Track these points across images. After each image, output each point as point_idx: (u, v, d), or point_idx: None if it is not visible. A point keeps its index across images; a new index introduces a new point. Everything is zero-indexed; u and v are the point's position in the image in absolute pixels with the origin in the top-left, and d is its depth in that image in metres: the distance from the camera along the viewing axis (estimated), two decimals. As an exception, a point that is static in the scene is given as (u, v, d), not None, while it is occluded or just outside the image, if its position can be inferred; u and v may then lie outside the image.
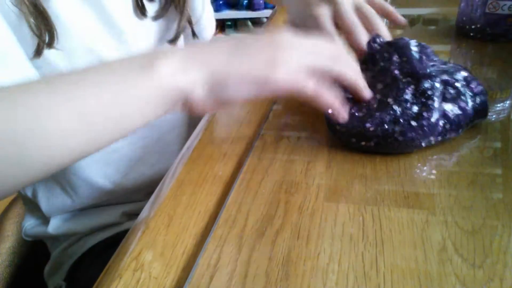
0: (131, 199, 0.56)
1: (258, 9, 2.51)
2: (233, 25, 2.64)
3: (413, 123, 0.34)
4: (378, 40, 0.41)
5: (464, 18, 0.59)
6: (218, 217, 0.30)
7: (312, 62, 0.32)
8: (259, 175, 0.34)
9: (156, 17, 0.49)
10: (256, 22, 2.61)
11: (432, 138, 0.35)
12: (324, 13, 0.44)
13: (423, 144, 0.35)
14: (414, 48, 0.38)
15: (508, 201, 0.30)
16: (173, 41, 0.52)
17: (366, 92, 0.36)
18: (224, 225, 0.29)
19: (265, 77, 0.30)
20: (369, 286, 0.24)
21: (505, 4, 0.54)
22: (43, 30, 0.37)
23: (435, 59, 0.40)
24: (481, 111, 0.37)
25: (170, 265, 0.27)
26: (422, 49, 0.39)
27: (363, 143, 0.35)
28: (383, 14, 0.48)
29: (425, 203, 0.30)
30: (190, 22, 0.53)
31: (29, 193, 0.53)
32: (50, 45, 0.38)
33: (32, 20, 0.36)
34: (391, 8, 0.48)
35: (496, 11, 0.54)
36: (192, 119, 0.56)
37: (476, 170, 0.33)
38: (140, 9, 0.47)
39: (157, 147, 0.54)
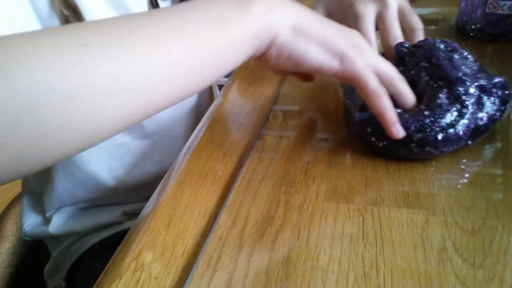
0: (132, 199, 0.56)
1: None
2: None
3: (440, 135, 0.32)
4: (405, 44, 0.40)
5: (464, 18, 0.59)
6: (218, 217, 0.30)
7: (382, 65, 0.33)
8: (259, 175, 0.34)
9: None
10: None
11: (449, 149, 0.33)
12: (369, 14, 0.42)
13: (436, 155, 0.33)
14: (441, 47, 0.37)
15: (508, 201, 0.30)
16: None
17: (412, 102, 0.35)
18: (224, 225, 0.29)
19: (341, 53, 0.31)
20: (369, 286, 0.24)
21: (505, 4, 0.54)
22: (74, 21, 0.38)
23: (468, 57, 0.38)
24: (499, 119, 0.35)
25: (170, 265, 0.27)
26: (451, 48, 0.37)
27: (373, 139, 0.34)
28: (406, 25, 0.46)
29: (425, 203, 0.30)
30: None
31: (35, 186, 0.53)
32: None
33: (64, 11, 0.37)
34: (420, 25, 0.45)
35: (496, 11, 0.54)
36: (199, 116, 0.56)
37: (476, 170, 0.33)
38: (154, 8, 0.47)
39: (163, 144, 0.54)
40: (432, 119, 0.32)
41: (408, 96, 0.34)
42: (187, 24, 0.26)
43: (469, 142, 0.34)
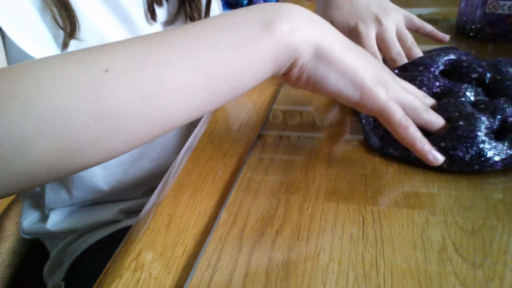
0: (129, 196, 0.56)
1: (258, 9, 2.51)
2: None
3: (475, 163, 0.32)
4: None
5: (464, 18, 0.59)
6: (218, 217, 0.30)
7: (405, 98, 0.32)
8: (259, 175, 0.34)
9: (166, 24, 0.50)
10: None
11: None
12: (371, 34, 0.47)
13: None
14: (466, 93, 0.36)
15: (508, 201, 0.30)
16: None
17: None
18: (224, 225, 0.29)
19: (361, 85, 0.30)
20: (369, 286, 0.24)
21: (505, 4, 0.54)
22: (66, 20, 0.38)
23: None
24: None
25: (170, 265, 0.27)
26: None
27: (390, 150, 0.35)
28: (425, 33, 0.51)
29: (425, 203, 0.30)
30: None
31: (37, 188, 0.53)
32: (71, 35, 0.39)
33: (55, 10, 0.37)
34: (430, 27, 0.50)
35: (496, 11, 0.54)
36: None
37: (476, 170, 0.33)
38: (151, 13, 0.47)
39: (159, 141, 0.54)
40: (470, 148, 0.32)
41: (436, 123, 0.34)
42: (210, 46, 0.26)
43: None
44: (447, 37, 0.50)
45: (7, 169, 0.22)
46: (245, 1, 2.53)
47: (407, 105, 0.32)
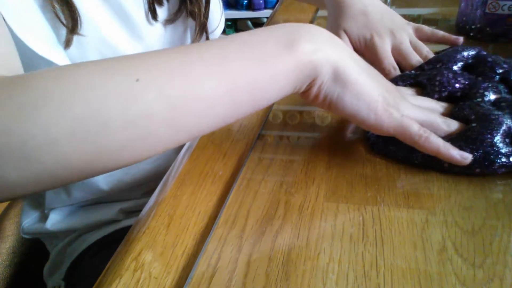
0: (129, 196, 0.56)
1: (258, 9, 2.51)
2: (233, 25, 2.64)
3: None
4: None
5: (464, 18, 0.59)
6: (218, 217, 0.30)
7: (419, 115, 0.33)
8: (259, 175, 0.34)
9: (167, 22, 0.50)
10: (256, 22, 2.61)
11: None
12: (386, 47, 0.48)
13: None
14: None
15: (508, 201, 0.30)
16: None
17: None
18: (224, 225, 0.29)
19: (377, 106, 0.31)
20: (369, 286, 0.24)
21: (505, 4, 0.54)
22: (67, 16, 0.38)
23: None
24: None
25: (170, 265, 0.27)
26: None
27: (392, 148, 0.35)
28: (437, 40, 0.51)
29: (425, 203, 0.30)
30: (206, 31, 0.54)
31: None
32: (73, 31, 0.39)
33: (57, 6, 0.37)
34: (441, 33, 0.51)
35: (496, 11, 0.54)
36: None
37: (476, 170, 0.33)
38: (152, 13, 0.47)
39: None
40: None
41: (454, 128, 0.34)
42: (235, 61, 0.28)
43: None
44: (460, 38, 0.50)
45: (36, 169, 0.23)
46: (245, 1, 2.54)
47: (422, 122, 0.32)
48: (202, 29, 0.53)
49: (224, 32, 0.61)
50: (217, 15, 0.58)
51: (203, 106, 0.27)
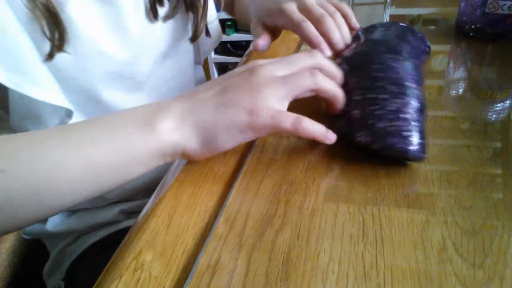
0: (129, 198, 0.56)
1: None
2: (233, 25, 2.64)
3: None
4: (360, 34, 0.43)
5: (464, 18, 0.59)
6: (218, 217, 0.30)
7: (289, 93, 0.33)
8: (259, 175, 0.34)
9: (166, 18, 0.50)
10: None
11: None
12: (293, 9, 0.46)
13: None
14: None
15: (508, 201, 0.30)
16: (193, 41, 0.55)
17: (340, 104, 0.36)
18: (224, 225, 0.29)
19: (247, 126, 0.32)
20: (369, 286, 0.24)
21: (505, 4, 0.54)
22: (54, 33, 0.38)
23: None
24: None
25: (170, 265, 0.27)
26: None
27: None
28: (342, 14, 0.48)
29: (425, 203, 0.30)
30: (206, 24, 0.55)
31: None
32: (60, 48, 0.39)
33: (44, 23, 0.37)
34: (348, 10, 0.48)
35: (496, 11, 0.54)
36: None
37: (476, 170, 0.33)
38: (153, 13, 0.47)
39: None
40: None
41: (328, 88, 0.35)
42: (96, 144, 0.30)
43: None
44: (357, 27, 0.47)
45: None
46: None
47: (295, 94, 0.34)
48: (202, 23, 0.53)
49: (224, 32, 0.62)
50: (212, 6, 0.59)
51: (66, 187, 0.30)
